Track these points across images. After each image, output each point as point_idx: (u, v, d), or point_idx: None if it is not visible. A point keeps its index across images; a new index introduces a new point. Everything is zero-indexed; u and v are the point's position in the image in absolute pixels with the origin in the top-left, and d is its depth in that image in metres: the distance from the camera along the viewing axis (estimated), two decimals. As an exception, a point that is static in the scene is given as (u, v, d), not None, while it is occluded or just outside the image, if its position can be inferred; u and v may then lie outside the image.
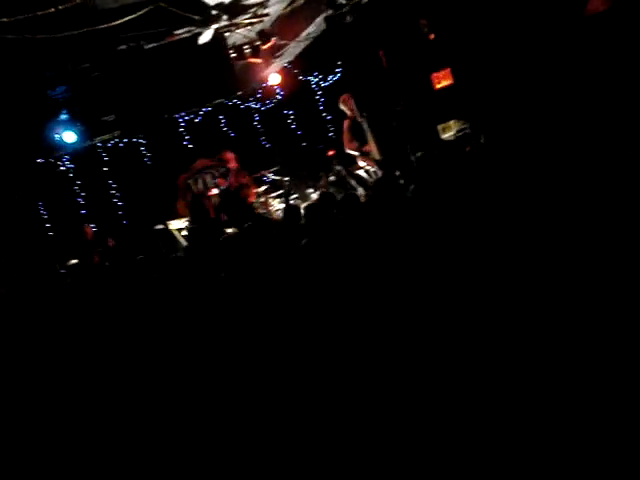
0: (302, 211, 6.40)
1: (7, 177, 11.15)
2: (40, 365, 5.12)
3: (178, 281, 6.34)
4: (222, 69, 10.47)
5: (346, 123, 9.99)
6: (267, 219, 8.76)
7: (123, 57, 9.73)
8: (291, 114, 13.34)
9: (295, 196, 11.94)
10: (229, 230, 10.14)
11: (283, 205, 10.71)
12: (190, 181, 13.24)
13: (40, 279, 10.85)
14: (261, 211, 10.87)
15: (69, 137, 10.71)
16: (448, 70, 9.77)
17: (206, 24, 9.06)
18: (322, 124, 13.00)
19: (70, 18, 7.77)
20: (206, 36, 9.30)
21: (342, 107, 10.01)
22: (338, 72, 12.27)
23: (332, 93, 11.92)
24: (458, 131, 9.16)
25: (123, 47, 9.62)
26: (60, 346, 5.37)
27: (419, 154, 6.12)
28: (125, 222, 12.60)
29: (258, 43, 10.33)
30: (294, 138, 13.28)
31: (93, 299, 7.38)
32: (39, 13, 7.29)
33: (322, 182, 10.97)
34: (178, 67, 10.21)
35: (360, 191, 9.09)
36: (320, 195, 7.36)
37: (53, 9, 7.33)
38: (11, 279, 10.09)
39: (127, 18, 8.40)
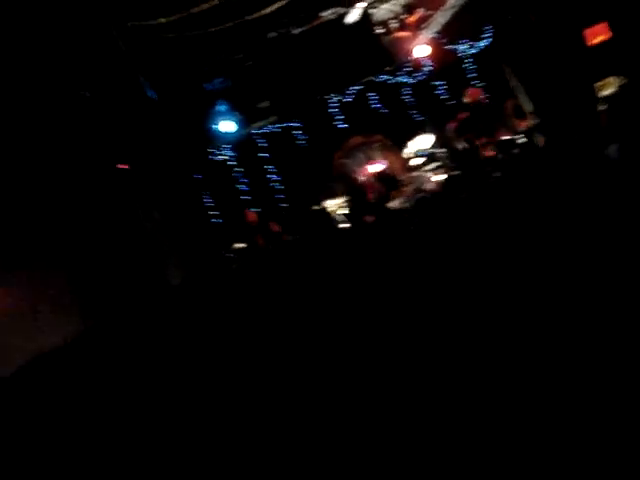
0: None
1: (177, 169, 11.83)
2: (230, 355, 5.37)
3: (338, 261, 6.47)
4: (369, 46, 10.43)
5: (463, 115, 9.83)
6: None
7: (273, 44, 9.95)
8: (442, 85, 13.03)
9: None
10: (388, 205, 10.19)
11: (441, 177, 10.52)
12: (344, 160, 13.34)
13: (209, 265, 11.45)
14: (416, 185, 10.76)
15: (228, 126, 11.18)
16: (603, 24, 9.11)
17: (351, 3, 9.05)
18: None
19: (221, 12, 8.08)
20: (352, 15, 9.30)
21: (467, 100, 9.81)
22: (487, 37, 11.81)
23: (483, 60, 11.52)
24: (619, 87, 8.54)
25: (273, 34, 9.84)
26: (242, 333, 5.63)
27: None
28: (285, 205, 12.94)
29: (404, 16, 10.18)
30: (447, 109, 12.97)
31: (262, 282, 7.69)
32: (194, 11, 7.63)
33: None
34: (326, 48, 10.30)
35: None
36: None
37: (207, 5, 7.63)
38: (183, 268, 10.68)
39: (275, 6, 8.60)
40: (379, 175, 11.49)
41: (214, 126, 11.04)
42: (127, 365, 6.05)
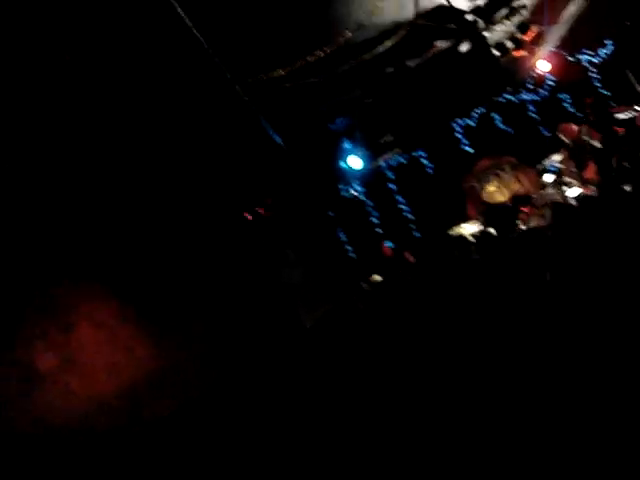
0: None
1: (309, 209, 12.27)
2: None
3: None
4: (487, 68, 10.37)
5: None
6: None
7: (390, 78, 10.14)
8: (567, 98, 12.66)
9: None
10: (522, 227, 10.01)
11: (574, 192, 10.20)
12: (475, 183, 13.23)
13: (348, 296, 11.69)
14: (554, 198, 10.46)
15: (355, 162, 11.46)
16: None
17: (465, 30, 9.08)
18: (601, 101, 12.12)
19: (336, 56, 8.39)
20: (467, 42, 9.33)
21: (562, 136, 9.52)
22: (607, 46, 11.37)
23: (606, 69, 11.12)
24: None
25: (390, 69, 10.03)
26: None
27: None
28: (418, 234, 13.01)
29: (520, 35, 10.05)
30: (574, 120, 12.57)
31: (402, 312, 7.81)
32: (310, 59, 7.99)
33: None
34: (444, 76, 10.35)
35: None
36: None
37: (322, 53, 7.96)
38: (320, 306, 10.96)
39: (390, 43, 8.81)
40: (512, 196, 11.33)
41: (342, 163, 11.36)
42: (271, 409, 6.34)
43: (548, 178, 11.00)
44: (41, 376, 5.94)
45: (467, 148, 13.01)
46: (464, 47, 9.47)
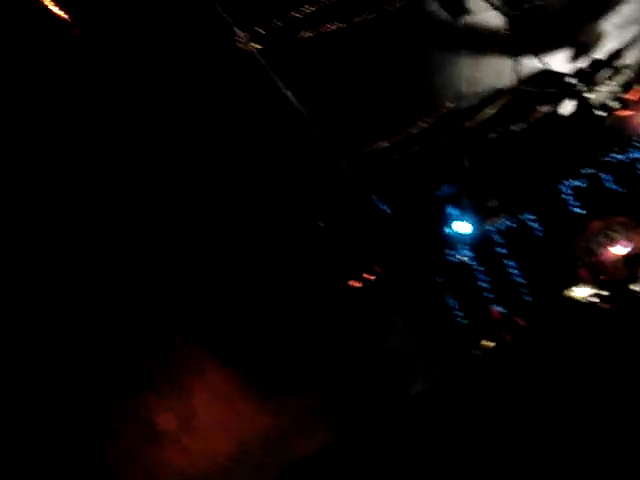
0: None
1: (418, 274, 12.40)
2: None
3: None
4: (592, 129, 10.35)
5: None
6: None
7: (494, 144, 10.29)
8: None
9: None
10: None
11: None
12: (587, 245, 12.96)
13: (454, 366, 11.59)
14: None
15: (463, 228, 11.56)
16: None
17: (567, 93, 9.15)
18: None
19: (438, 125, 8.67)
20: (569, 104, 9.38)
21: None
22: None
23: None
24: None
25: (493, 135, 10.19)
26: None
27: None
28: (529, 299, 12.81)
29: (624, 95, 10.01)
30: None
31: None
32: (413, 131, 8.30)
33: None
34: (547, 138, 10.40)
35: None
36: None
37: (425, 125, 8.26)
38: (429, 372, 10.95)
39: (491, 111, 9.01)
40: (625, 257, 11.04)
41: (448, 229, 11.49)
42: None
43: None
44: (162, 435, 6.26)
45: (576, 209, 12.83)
46: (567, 109, 9.52)
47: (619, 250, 11.38)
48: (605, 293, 10.81)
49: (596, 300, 10.93)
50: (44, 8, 4.03)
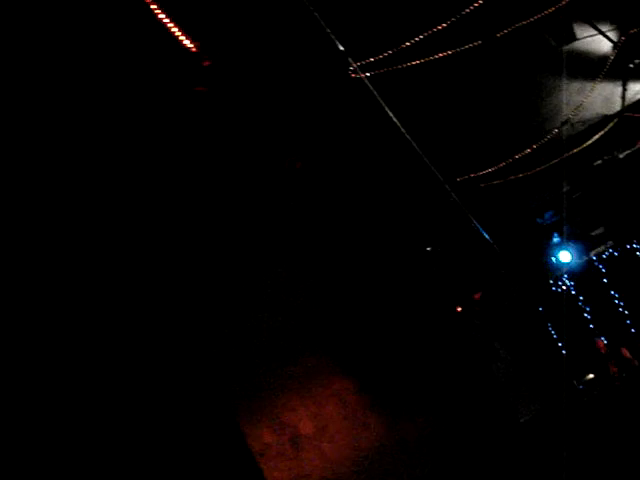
0: None
1: (521, 305, 12.25)
2: None
3: None
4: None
5: None
6: None
7: (599, 171, 10.18)
8: None
9: None
10: None
11: None
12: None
13: (560, 398, 11.35)
14: None
15: (565, 257, 11.41)
16: None
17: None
18: None
19: (544, 151, 8.70)
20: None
21: None
22: None
23: None
24: None
25: (599, 162, 10.09)
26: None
27: None
28: (633, 330, 12.39)
29: None
30: None
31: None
32: (516, 157, 8.38)
33: None
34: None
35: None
36: None
37: (528, 150, 8.33)
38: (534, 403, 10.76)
39: (596, 137, 8.97)
40: None
41: (552, 258, 11.37)
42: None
43: None
44: (304, 439, 6.62)
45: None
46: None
47: None
48: None
49: None
50: (175, 40, 4.39)
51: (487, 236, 10.34)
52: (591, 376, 11.64)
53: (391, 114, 6.70)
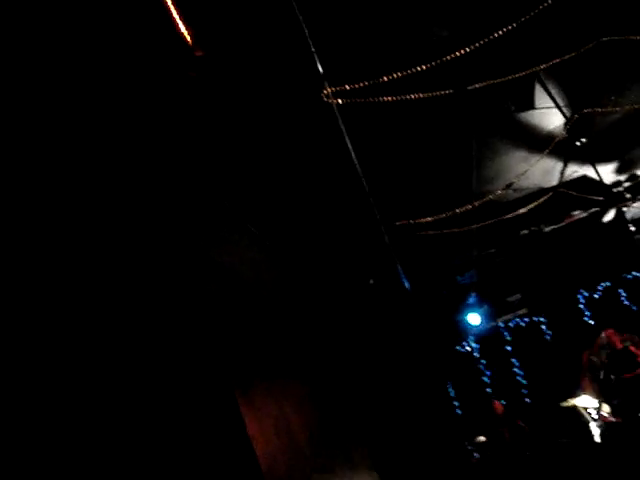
0: None
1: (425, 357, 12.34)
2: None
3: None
4: (621, 243, 10.56)
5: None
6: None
7: (525, 241, 10.47)
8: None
9: None
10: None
11: None
12: (594, 357, 12.96)
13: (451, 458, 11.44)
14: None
15: (474, 319, 11.62)
16: None
17: (607, 203, 9.39)
18: None
19: (480, 212, 8.84)
20: (608, 215, 9.62)
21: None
22: None
23: None
24: None
25: (525, 232, 10.37)
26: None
27: None
28: (528, 400, 12.74)
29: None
30: None
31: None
32: (458, 211, 8.46)
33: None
34: (577, 245, 10.59)
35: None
36: None
37: (470, 207, 8.42)
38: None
39: (530, 206, 9.20)
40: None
41: (462, 318, 11.54)
42: None
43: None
44: None
45: (589, 320, 12.92)
46: (604, 219, 9.75)
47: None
48: (607, 408, 10.74)
49: (596, 412, 10.84)
50: (172, 23, 4.14)
51: (406, 283, 10.37)
52: (482, 439, 11.80)
53: (349, 145, 6.60)
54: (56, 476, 3.46)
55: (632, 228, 10.32)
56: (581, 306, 12.92)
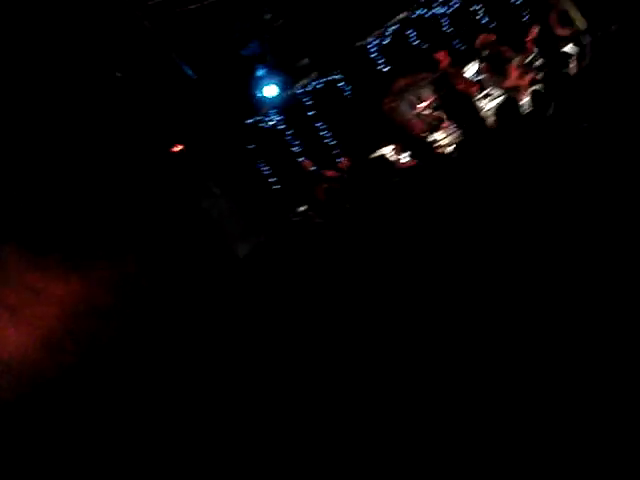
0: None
1: (228, 142, 11.90)
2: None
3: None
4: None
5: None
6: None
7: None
8: (479, 8, 12.52)
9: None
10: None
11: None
12: (395, 104, 13.05)
13: (275, 232, 11.54)
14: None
15: (271, 91, 11.12)
16: None
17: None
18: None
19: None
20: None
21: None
22: None
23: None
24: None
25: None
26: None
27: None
28: (340, 160, 12.82)
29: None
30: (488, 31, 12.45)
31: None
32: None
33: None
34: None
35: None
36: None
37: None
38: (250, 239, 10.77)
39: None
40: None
41: (258, 92, 11.01)
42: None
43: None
44: None
45: (383, 68, 12.80)
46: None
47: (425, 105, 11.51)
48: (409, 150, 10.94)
49: (402, 157, 11.10)
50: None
51: (188, 70, 9.60)
52: (304, 207, 11.92)
53: None
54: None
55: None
56: (374, 55, 12.70)
